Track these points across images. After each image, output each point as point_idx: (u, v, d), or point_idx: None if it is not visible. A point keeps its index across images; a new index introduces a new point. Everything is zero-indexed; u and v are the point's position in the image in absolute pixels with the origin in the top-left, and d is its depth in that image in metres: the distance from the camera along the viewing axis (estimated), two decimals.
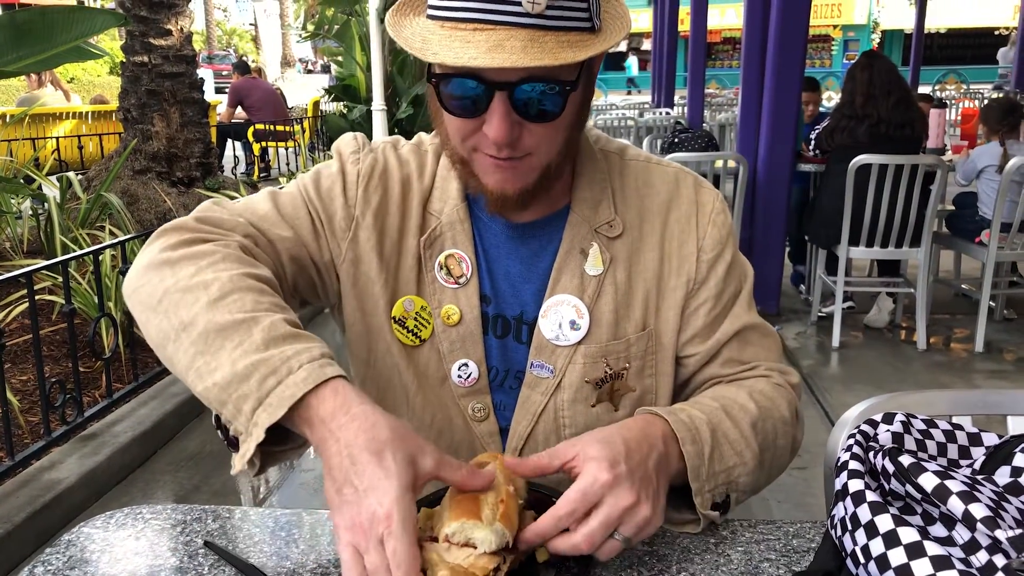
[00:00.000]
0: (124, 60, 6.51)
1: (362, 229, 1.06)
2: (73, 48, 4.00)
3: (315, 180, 1.09)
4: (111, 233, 4.85)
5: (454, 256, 1.06)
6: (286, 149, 10.43)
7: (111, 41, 19.41)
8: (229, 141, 10.47)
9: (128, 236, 3.69)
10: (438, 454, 0.80)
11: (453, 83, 0.90)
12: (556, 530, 0.81)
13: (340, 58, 11.74)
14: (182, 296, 0.87)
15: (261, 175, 10.27)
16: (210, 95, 10.96)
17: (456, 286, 1.06)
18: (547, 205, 1.07)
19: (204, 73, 15.19)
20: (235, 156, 10.32)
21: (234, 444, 0.85)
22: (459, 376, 1.07)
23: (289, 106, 11.96)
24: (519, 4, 0.85)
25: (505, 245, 1.08)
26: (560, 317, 1.05)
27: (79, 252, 3.45)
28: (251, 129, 10.21)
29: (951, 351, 4.36)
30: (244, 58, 15.68)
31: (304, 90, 20.94)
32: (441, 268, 1.07)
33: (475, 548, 0.78)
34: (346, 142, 1.12)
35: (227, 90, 11.34)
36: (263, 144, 10.39)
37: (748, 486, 0.98)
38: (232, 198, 1.24)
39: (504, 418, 1.08)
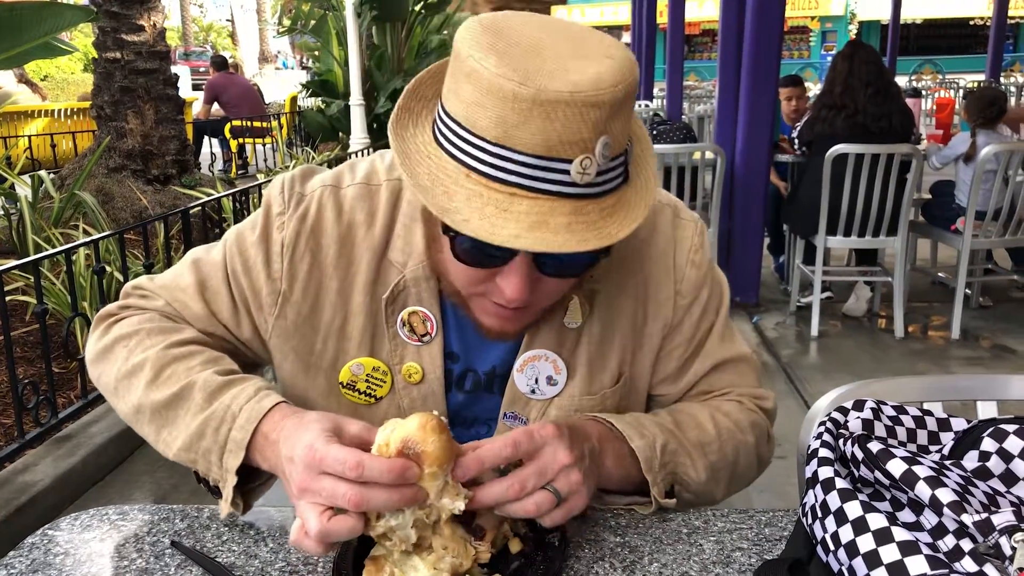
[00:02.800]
0: (96, 57, 6.43)
1: (290, 305, 1.00)
2: (42, 44, 3.94)
3: (240, 249, 1.01)
4: (85, 232, 4.78)
5: (418, 314, 0.99)
6: (264, 146, 10.34)
7: (85, 38, 19.17)
8: (206, 138, 10.37)
9: (102, 235, 3.64)
10: (366, 424, 0.83)
11: (470, 242, 0.80)
12: (492, 460, 0.80)
13: (317, 53, 11.65)
14: (127, 382, 0.96)
15: (239, 172, 10.18)
16: (187, 92, 10.86)
17: (419, 343, 1.00)
18: None
19: (180, 70, 15.07)
20: (212, 153, 10.21)
21: (217, 492, 0.92)
22: None
23: (266, 102, 11.86)
24: (567, 173, 0.76)
25: None
26: (537, 372, 1.01)
27: (52, 251, 3.40)
28: (228, 126, 10.12)
29: (928, 339, 4.40)
30: (222, 54, 15.54)
31: (283, 86, 20.78)
32: (404, 325, 1.00)
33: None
34: (274, 195, 1.01)
35: (203, 86, 11.23)
36: (240, 141, 10.30)
37: (697, 487, 0.98)
38: (209, 195, 1.24)
39: None
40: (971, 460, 0.82)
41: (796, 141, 4.57)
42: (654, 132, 5.39)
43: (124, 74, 6.34)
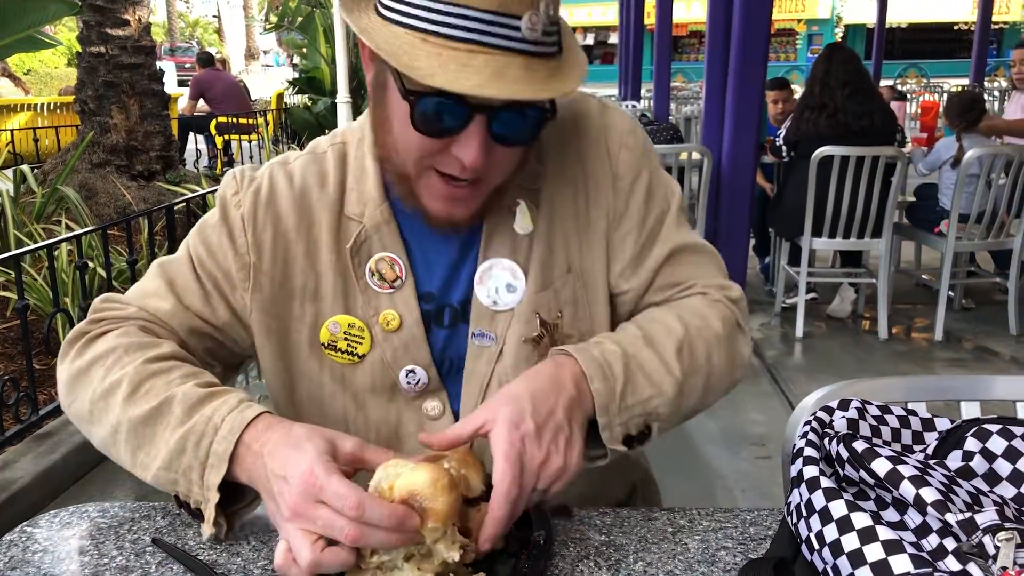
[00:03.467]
0: (80, 51, 6.37)
1: (262, 274, 1.01)
2: (25, 38, 3.91)
3: (202, 238, 1.03)
4: (67, 227, 4.74)
5: (385, 260, 1.01)
6: (249, 142, 10.28)
7: (69, 32, 19.01)
8: (191, 134, 10.31)
9: (84, 230, 3.61)
10: (359, 440, 0.83)
11: (431, 102, 0.84)
12: (513, 507, 0.80)
13: (304, 50, 11.61)
14: (104, 402, 0.92)
15: (224, 168, 10.12)
16: (173, 88, 10.80)
17: (391, 290, 1.01)
18: None
19: (166, 65, 14.97)
20: (197, 149, 10.15)
21: (198, 515, 0.88)
22: (408, 382, 1.03)
23: (252, 99, 11.80)
24: (518, 29, 0.81)
25: (438, 237, 1.02)
26: (496, 282, 1.01)
27: (33, 246, 3.36)
28: (214, 122, 10.05)
29: (912, 340, 4.43)
30: (209, 50, 15.45)
31: (269, 83, 20.68)
32: (373, 274, 1.01)
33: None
34: (226, 183, 1.04)
35: (189, 82, 11.16)
36: (226, 137, 10.24)
37: (672, 415, 0.96)
38: (194, 192, 1.25)
39: (458, 406, 1.06)
40: (955, 460, 0.83)
41: (783, 148, 4.59)
42: None
43: (108, 69, 6.29)
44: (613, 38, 26.44)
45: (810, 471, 0.81)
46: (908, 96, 11.70)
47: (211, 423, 0.86)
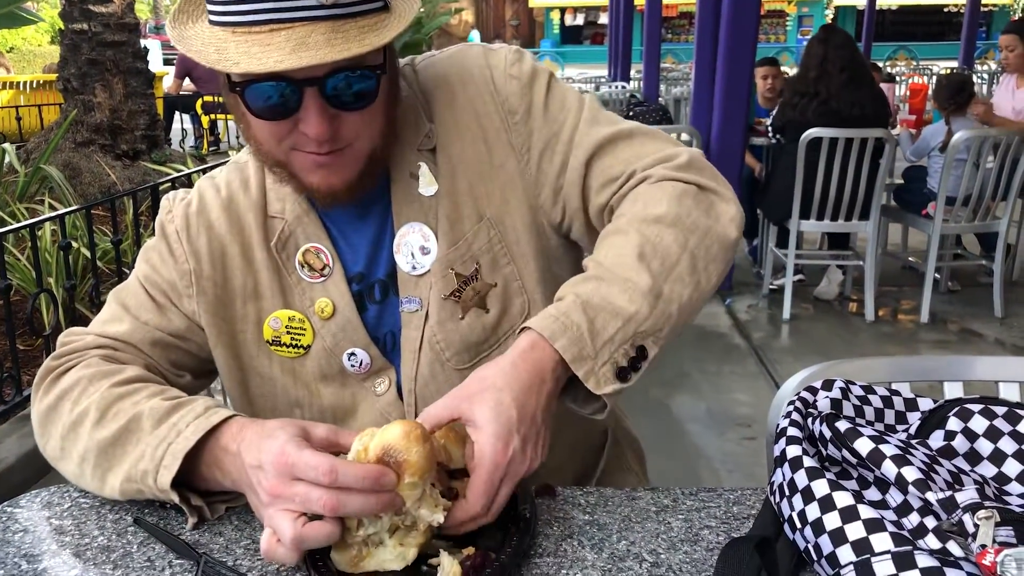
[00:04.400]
0: (63, 28, 6.28)
1: (204, 278, 1.04)
2: (7, 14, 3.84)
3: (145, 258, 1.08)
4: (51, 207, 4.68)
5: (311, 250, 1.03)
6: (236, 122, 10.17)
7: (52, 9, 18.74)
8: (177, 113, 10.20)
9: (68, 209, 3.57)
10: (333, 426, 0.84)
11: (258, 88, 0.87)
12: (489, 507, 0.80)
13: None
14: (73, 433, 0.93)
15: (210, 148, 10.03)
16: (158, 66, 10.66)
17: (322, 279, 1.04)
18: None
19: (152, 44, 14.77)
20: (183, 129, 10.04)
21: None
22: (352, 365, 1.04)
23: None
24: None
25: (354, 217, 1.04)
26: (411, 247, 1.02)
27: (16, 225, 3.33)
28: (200, 101, 9.95)
29: (898, 322, 4.46)
30: None
31: None
32: (303, 266, 1.04)
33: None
34: (161, 208, 1.10)
35: (175, 61, 11.02)
36: (212, 117, 10.13)
37: (662, 323, 0.87)
38: (179, 171, 1.29)
39: (400, 378, 1.06)
40: (937, 439, 0.83)
41: (771, 129, 4.58)
42: (630, 114, 5.38)
43: (91, 46, 6.20)
44: (603, 18, 26.30)
45: (793, 451, 0.81)
46: (897, 79, 11.70)
47: (175, 429, 0.87)
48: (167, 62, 17.49)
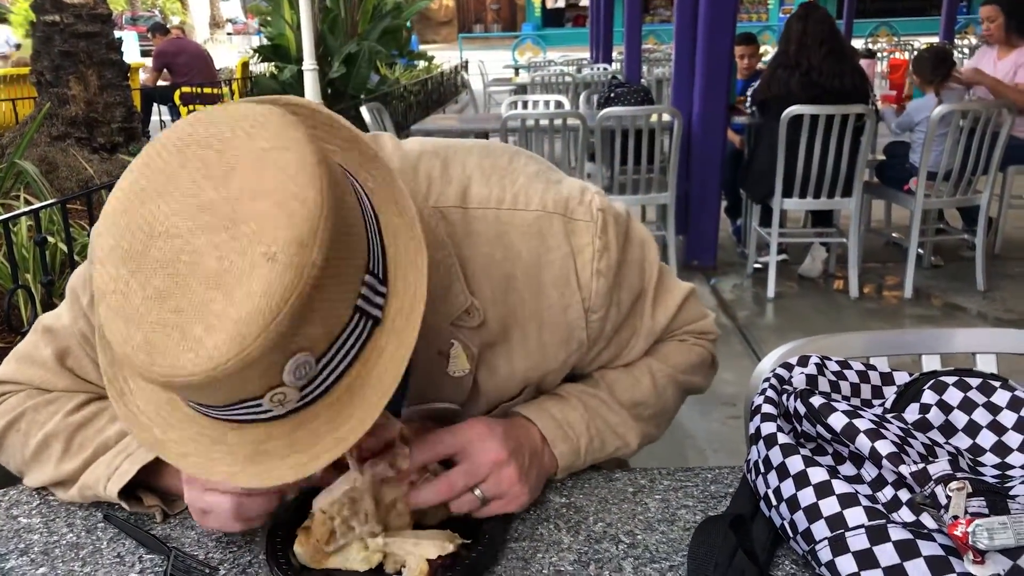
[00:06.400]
0: (35, 20, 6.18)
1: None
2: None
3: (83, 311, 0.90)
4: (27, 202, 4.62)
5: None
6: None
7: (25, 2, 18.45)
8: (155, 105, 10.08)
9: (43, 204, 3.52)
10: None
11: None
12: (450, 495, 0.81)
13: (269, 17, 11.35)
14: (37, 463, 0.92)
15: None
16: (134, 57, 10.50)
17: None
18: None
19: (128, 35, 14.56)
20: (161, 121, 9.93)
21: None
22: None
23: (217, 68, 11.55)
24: (260, 405, 0.61)
25: None
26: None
27: None
28: (178, 92, 9.83)
29: (882, 298, 4.47)
30: (172, 18, 15.03)
31: (233, 52, 20.26)
32: None
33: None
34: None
35: (152, 53, 10.89)
36: (191, 108, 10.03)
37: (629, 454, 0.99)
38: None
39: None
40: (912, 412, 0.83)
41: (749, 100, 4.56)
42: (611, 95, 5.35)
43: (64, 38, 6.11)
44: (585, 0, 26.16)
45: (768, 428, 0.80)
46: (878, 55, 11.70)
47: (127, 450, 0.88)
48: (144, 53, 17.27)
